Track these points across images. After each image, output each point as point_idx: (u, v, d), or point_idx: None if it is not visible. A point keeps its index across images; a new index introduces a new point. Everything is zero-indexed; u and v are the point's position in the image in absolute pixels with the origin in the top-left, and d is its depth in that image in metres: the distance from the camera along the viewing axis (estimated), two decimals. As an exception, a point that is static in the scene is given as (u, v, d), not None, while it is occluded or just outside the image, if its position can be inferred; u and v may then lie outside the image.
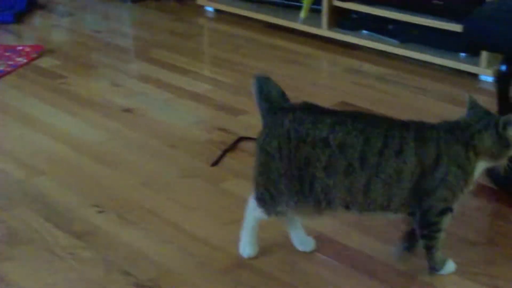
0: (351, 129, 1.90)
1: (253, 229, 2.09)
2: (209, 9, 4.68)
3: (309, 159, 1.92)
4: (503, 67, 2.37)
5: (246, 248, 2.11)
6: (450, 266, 2.04)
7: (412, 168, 1.89)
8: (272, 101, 1.99)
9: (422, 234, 1.98)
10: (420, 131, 1.92)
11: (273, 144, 1.95)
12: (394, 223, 2.25)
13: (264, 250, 2.15)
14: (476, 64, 3.49)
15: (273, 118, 1.97)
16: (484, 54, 3.44)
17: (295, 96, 2.05)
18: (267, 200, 2.01)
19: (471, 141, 1.90)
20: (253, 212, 2.07)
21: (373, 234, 2.23)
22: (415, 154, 1.89)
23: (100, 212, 2.36)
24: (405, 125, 1.93)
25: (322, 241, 2.17)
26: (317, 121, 1.92)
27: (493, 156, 1.92)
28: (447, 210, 1.94)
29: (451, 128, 1.93)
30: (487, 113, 1.96)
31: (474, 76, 3.48)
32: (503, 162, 1.95)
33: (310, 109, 1.98)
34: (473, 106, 1.97)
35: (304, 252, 2.13)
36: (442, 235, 1.97)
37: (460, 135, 1.91)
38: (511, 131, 1.90)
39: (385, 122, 1.95)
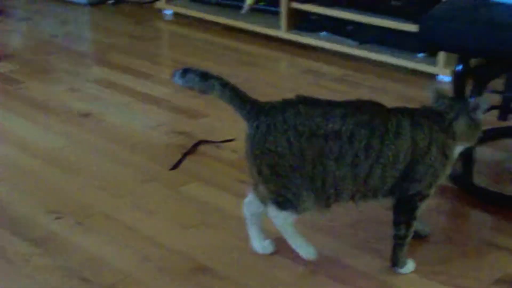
0: (359, 121, 1.93)
1: (297, 232, 2.06)
2: (168, 12, 4.66)
3: (322, 152, 1.92)
4: (459, 67, 2.39)
5: (309, 250, 2.07)
6: (410, 265, 2.05)
7: (406, 150, 1.94)
8: (253, 100, 1.98)
9: (400, 220, 2.01)
10: (414, 117, 1.98)
11: (280, 142, 1.92)
12: (353, 224, 2.26)
13: (223, 253, 2.14)
14: (434, 64, 3.52)
15: (268, 117, 1.94)
16: (442, 54, 3.47)
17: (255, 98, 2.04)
18: (292, 199, 1.97)
19: (450, 128, 1.99)
20: (286, 220, 2.02)
21: (332, 235, 2.23)
22: (410, 138, 1.94)
23: (57, 218, 2.34)
24: (400, 111, 1.99)
25: (282, 244, 2.17)
26: (327, 113, 1.93)
27: (466, 139, 2.03)
28: (427, 196, 2.01)
29: (434, 116, 2.00)
30: (455, 100, 2.08)
31: (432, 76, 3.51)
32: (473, 143, 2.07)
33: (312, 102, 1.98)
34: (441, 96, 2.06)
35: (264, 255, 2.13)
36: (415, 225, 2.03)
37: (442, 123, 1.99)
38: (480, 114, 2.01)
39: (384, 110, 1.99)
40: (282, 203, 1.99)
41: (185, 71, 2.05)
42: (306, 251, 2.07)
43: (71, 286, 2.01)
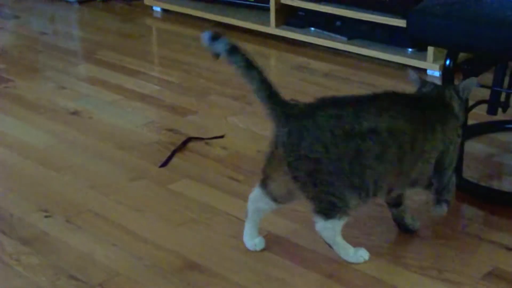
0: (396, 114, 1.95)
1: (342, 238, 2.04)
2: (157, 9, 4.65)
3: (360, 151, 1.90)
4: (447, 62, 2.38)
5: (361, 253, 2.06)
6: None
7: (439, 144, 2.02)
8: (284, 103, 1.94)
9: (447, 197, 2.13)
10: (439, 107, 2.05)
11: (316, 148, 1.89)
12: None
13: (213, 250, 2.14)
14: (424, 59, 3.52)
15: (299, 122, 1.91)
16: (431, 49, 3.46)
17: (244, 94, 2.04)
18: (336, 202, 1.94)
19: (453, 111, 2.07)
20: (335, 230, 1.99)
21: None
22: (441, 132, 2.01)
23: (47, 216, 2.33)
24: (426, 102, 2.06)
25: (272, 240, 2.17)
26: (359, 112, 1.92)
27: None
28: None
29: (442, 102, 2.07)
30: (439, 86, 2.15)
31: (422, 71, 3.51)
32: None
33: (339, 102, 1.98)
34: (425, 83, 2.13)
35: (255, 252, 2.13)
36: None
37: (448, 108, 2.06)
38: (468, 95, 2.11)
39: (416, 101, 2.06)
40: (327, 210, 1.96)
41: (234, 48, 1.94)
42: (358, 257, 2.06)
43: (60, 284, 2.01)
